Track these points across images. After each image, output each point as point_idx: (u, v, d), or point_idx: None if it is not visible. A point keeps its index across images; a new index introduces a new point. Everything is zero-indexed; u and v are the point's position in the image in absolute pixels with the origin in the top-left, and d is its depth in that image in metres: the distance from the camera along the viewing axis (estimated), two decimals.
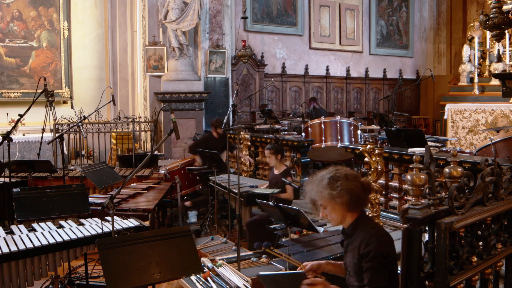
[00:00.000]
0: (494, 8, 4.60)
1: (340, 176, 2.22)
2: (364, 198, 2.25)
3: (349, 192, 2.18)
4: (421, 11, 12.20)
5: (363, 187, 2.23)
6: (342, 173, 2.24)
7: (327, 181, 2.22)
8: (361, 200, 2.23)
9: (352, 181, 2.21)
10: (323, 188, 2.22)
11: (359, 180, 2.24)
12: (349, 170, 2.29)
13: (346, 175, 2.23)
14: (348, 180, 2.20)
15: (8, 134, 4.36)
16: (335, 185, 2.19)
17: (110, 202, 2.81)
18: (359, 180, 2.24)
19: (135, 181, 5.66)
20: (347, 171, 2.26)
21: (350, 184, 2.20)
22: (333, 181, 2.20)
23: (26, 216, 3.56)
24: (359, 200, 2.21)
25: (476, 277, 2.26)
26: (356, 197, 2.19)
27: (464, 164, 4.11)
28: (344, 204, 2.19)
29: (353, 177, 2.23)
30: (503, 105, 9.19)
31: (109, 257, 2.48)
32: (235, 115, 9.02)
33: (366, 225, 2.22)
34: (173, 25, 8.21)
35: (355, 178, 2.23)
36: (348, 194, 2.18)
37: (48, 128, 7.06)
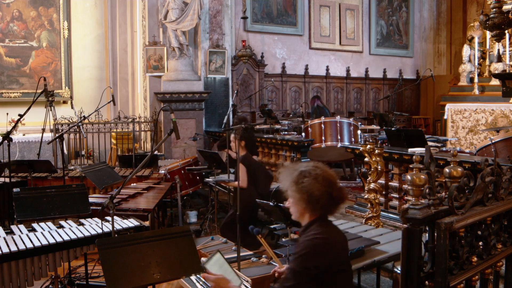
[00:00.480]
0: (494, 8, 4.60)
1: (311, 174, 2.13)
2: (326, 205, 2.13)
3: (309, 193, 2.10)
4: (421, 11, 12.20)
5: (330, 195, 2.11)
6: (315, 172, 2.13)
7: (297, 173, 2.16)
8: (321, 206, 2.12)
9: (319, 183, 2.11)
10: (291, 179, 2.16)
11: (331, 187, 2.12)
12: (327, 173, 2.16)
13: (317, 175, 2.12)
14: (316, 181, 2.11)
15: (8, 134, 4.37)
16: (301, 180, 2.13)
17: (110, 202, 2.81)
18: (330, 187, 2.12)
19: (135, 181, 5.66)
20: (323, 173, 2.14)
21: (315, 186, 2.10)
22: (301, 176, 2.14)
23: (26, 216, 3.56)
24: (317, 204, 2.11)
25: (476, 277, 2.26)
26: (315, 200, 2.10)
27: (464, 164, 4.11)
28: (302, 201, 2.13)
29: (324, 181, 2.12)
30: (503, 105, 9.19)
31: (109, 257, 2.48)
32: (235, 115, 9.01)
33: (315, 229, 2.12)
34: (173, 25, 8.21)
35: (326, 183, 2.12)
36: (307, 194, 2.11)
37: (48, 128, 7.06)
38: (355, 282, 3.71)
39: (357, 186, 7.55)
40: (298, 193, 2.13)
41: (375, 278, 3.60)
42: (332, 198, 2.12)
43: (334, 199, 2.13)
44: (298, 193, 2.13)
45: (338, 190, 2.14)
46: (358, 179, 7.88)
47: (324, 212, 2.15)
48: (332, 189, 2.12)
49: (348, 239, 3.16)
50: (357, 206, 5.78)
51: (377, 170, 4.64)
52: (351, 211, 5.79)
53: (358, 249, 3.00)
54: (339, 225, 3.78)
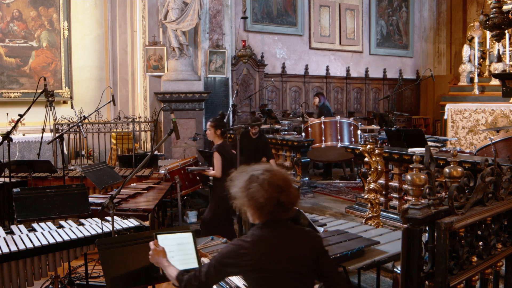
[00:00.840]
0: (494, 8, 4.60)
1: (258, 179, 2.07)
2: (273, 211, 2.07)
3: (254, 199, 2.06)
4: (421, 11, 12.20)
5: (276, 200, 2.05)
6: (262, 177, 2.07)
7: (246, 178, 2.10)
8: (267, 212, 2.07)
9: (264, 190, 2.05)
10: (241, 183, 2.12)
11: (278, 192, 2.05)
12: (275, 178, 2.08)
13: (263, 180, 2.06)
14: (261, 187, 2.05)
15: (8, 134, 4.37)
16: (249, 185, 2.08)
17: (110, 202, 2.81)
18: (277, 193, 2.05)
19: (135, 181, 5.66)
20: (271, 178, 2.07)
21: (260, 192, 2.05)
22: (250, 181, 2.09)
23: (26, 216, 3.56)
24: (263, 210, 2.07)
25: (476, 277, 2.26)
26: (260, 206, 2.06)
27: (464, 164, 4.11)
28: (249, 207, 2.10)
29: (270, 187, 2.05)
30: (503, 105, 9.19)
31: (109, 257, 2.49)
32: (235, 115, 9.02)
33: (252, 232, 2.11)
34: (173, 25, 8.21)
35: (272, 189, 2.05)
36: (253, 200, 2.06)
37: (48, 128, 7.06)
38: (355, 282, 3.71)
39: (357, 186, 7.55)
40: (245, 198, 2.09)
41: (375, 278, 3.60)
42: (279, 204, 2.05)
43: (282, 204, 2.06)
44: (245, 198, 2.09)
45: (286, 195, 2.06)
46: (358, 179, 7.88)
47: (273, 216, 2.09)
48: (280, 195, 2.05)
49: (348, 239, 3.18)
50: (357, 206, 5.78)
51: (377, 170, 4.64)
52: (351, 211, 5.79)
53: (358, 249, 2.99)
54: (339, 225, 3.78)
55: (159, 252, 2.32)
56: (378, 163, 4.64)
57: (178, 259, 2.42)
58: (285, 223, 2.14)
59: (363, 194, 5.24)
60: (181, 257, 2.42)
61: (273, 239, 2.08)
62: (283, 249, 2.06)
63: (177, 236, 2.52)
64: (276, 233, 2.10)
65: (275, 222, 2.10)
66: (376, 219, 4.64)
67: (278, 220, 2.10)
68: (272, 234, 2.09)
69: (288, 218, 2.15)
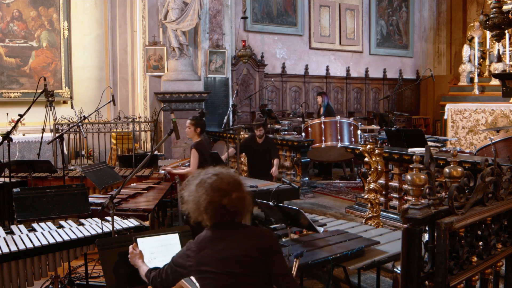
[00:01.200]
0: (494, 8, 4.60)
1: (205, 183, 2.12)
2: (217, 215, 2.11)
3: (197, 203, 2.12)
4: (421, 11, 12.20)
5: (218, 204, 2.09)
6: (208, 181, 2.12)
7: (197, 181, 2.16)
8: (210, 216, 2.12)
9: (206, 194, 2.10)
10: (192, 184, 2.18)
11: (221, 196, 2.09)
12: (220, 182, 2.12)
13: (208, 184, 2.11)
14: (204, 191, 2.11)
15: (8, 134, 4.37)
16: (197, 189, 2.14)
17: (110, 202, 2.81)
18: (221, 196, 2.09)
19: (135, 181, 5.66)
20: (215, 182, 2.11)
21: (202, 196, 2.11)
22: (198, 185, 2.15)
23: (26, 216, 3.56)
24: (206, 214, 2.12)
25: (476, 277, 2.26)
26: (203, 210, 2.11)
27: (464, 164, 4.11)
28: (195, 211, 2.15)
29: (212, 191, 2.10)
30: (503, 105, 9.19)
31: (109, 257, 2.49)
32: (235, 115, 9.02)
33: (202, 233, 2.17)
34: (173, 25, 8.21)
35: (214, 193, 2.09)
36: (197, 204, 2.13)
37: (48, 128, 7.06)
38: (355, 282, 3.71)
39: (357, 186, 7.56)
40: (191, 203, 2.16)
41: (375, 278, 3.60)
42: (222, 207, 2.09)
43: (225, 208, 2.10)
44: (191, 203, 2.16)
45: (229, 199, 2.09)
46: (358, 179, 7.89)
47: (219, 219, 2.13)
48: (222, 198, 2.08)
49: (348, 239, 3.19)
50: (357, 206, 5.78)
51: (377, 170, 4.64)
52: (351, 211, 5.79)
53: (358, 249, 3.00)
54: (339, 225, 3.78)
55: (136, 254, 2.46)
56: (378, 163, 4.65)
57: (161, 260, 2.46)
58: (235, 224, 2.18)
59: (363, 194, 5.24)
60: (165, 258, 2.45)
61: (217, 240, 2.12)
62: (226, 250, 2.09)
63: (161, 238, 2.58)
64: (221, 235, 2.14)
65: (222, 224, 2.15)
66: (376, 219, 4.64)
67: (226, 222, 2.15)
68: (216, 236, 2.14)
69: (238, 220, 2.19)
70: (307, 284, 4.04)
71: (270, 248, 2.14)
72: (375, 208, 4.65)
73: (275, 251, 2.15)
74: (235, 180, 2.17)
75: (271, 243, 2.16)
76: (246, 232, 2.18)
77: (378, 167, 4.65)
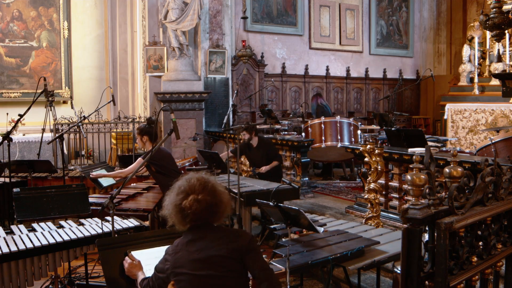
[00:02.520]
0: (494, 8, 4.60)
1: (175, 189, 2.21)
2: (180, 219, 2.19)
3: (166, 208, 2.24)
4: (421, 11, 12.20)
5: (178, 207, 2.17)
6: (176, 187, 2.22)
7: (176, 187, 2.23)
8: (177, 220, 2.21)
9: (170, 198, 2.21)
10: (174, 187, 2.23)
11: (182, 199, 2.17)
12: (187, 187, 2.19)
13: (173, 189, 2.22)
14: (170, 195, 2.21)
15: (8, 134, 4.37)
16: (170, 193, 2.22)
17: (110, 202, 2.81)
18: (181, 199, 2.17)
19: (135, 181, 5.66)
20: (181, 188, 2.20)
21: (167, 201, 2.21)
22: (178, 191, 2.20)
23: (26, 216, 3.56)
24: (171, 218, 2.22)
25: (476, 277, 2.26)
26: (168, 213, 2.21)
27: (464, 164, 4.11)
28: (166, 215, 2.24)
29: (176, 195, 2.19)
30: (503, 105, 9.19)
31: (109, 257, 2.49)
32: (235, 115, 9.02)
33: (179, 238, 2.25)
34: (173, 25, 8.21)
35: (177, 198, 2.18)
36: (166, 209, 2.24)
37: (48, 128, 7.06)
38: (355, 282, 3.71)
39: (357, 186, 7.56)
40: (165, 210, 2.25)
41: (375, 278, 3.60)
42: (182, 210, 2.15)
43: (184, 211, 2.15)
44: (164, 207, 2.25)
45: (187, 200, 2.15)
46: (358, 179, 7.89)
47: (190, 223, 2.19)
48: (182, 201, 2.15)
49: (348, 239, 3.19)
50: (357, 206, 5.78)
51: (377, 170, 4.64)
52: (351, 211, 5.79)
53: (358, 249, 3.00)
54: (339, 225, 3.79)
55: (134, 265, 2.46)
56: (378, 163, 4.65)
57: None
58: (209, 227, 2.22)
59: (363, 194, 5.24)
60: None
61: (191, 243, 2.17)
62: (200, 252, 2.13)
63: (155, 250, 2.59)
64: (195, 237, 2.18)
65: (196, 227, 2.20)
66: (376, 219, 4.65)
67: (200, 225, 2.19)
68: (190, 238, 2.18)
69: (213, 222, 2.23)
70: (307, 284, 4.04)
71: (246, 247, 2.18)
72: (375, 208, 4.65)
73: (251, 249, 2.19)
74: (202, 183, 2.19)
75: (246, 242, 2.20)
76: (220, 233, 2.21)
77: (378, 167, 4.65)
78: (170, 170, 4.74)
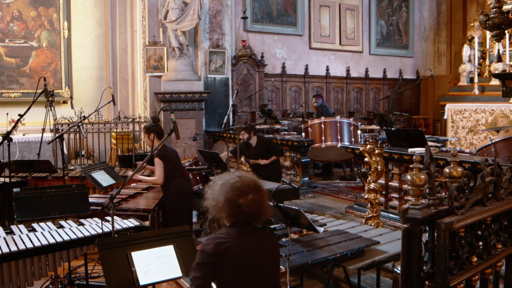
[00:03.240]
0: (494, 8, 4.60)
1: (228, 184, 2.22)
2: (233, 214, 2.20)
3: (216, 201, 2.22)
4: (421, 11, 12.20)
5: (235, 203, 2.17)
6: (228, 182, 2.22)
7: (221, 182, 2.25)
8: (227, 214, 2.22)
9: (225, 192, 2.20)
10: (216, 184, 2.26)
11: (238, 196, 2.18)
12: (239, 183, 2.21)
13: (227, 184, 2.21)
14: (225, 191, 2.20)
15: (8, 134, 4.37)
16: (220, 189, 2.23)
17: (110, 202, 2.81)
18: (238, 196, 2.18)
19: (135, 181, 5.66)
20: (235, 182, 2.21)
21: (221, 195, 2.21)
22: (221, 186, 2.24)
23: (26, 216, 3.56)
24: (223, 212, 2.23)
25: (476, 277, 2.26)
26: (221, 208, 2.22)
27: (464, 164, 4.11)
28: (214, 209, 2.25)
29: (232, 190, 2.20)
30: (503, 105, 9.19)
31: (109, 257, 2.48)
32: (235, 115, 9.02)
33: (223, 230, 2.24)
34: (173, 25, 8.21)
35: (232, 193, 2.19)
36: (215, 202, 2.23)
37: (48, 128, 7.05)
38: (355, 282, 3.71)
39: (357, 186, 7.56)
40: (212, 201, 2.25)
41: (375, 278, 3.60)
42: (237, 206, 2.18)
43: (240, 207, 2.18)
44: (212, 201, 2.25)
45: (245, 199, 2.18)
46: (358, 179, 7.89)
47: (236, 219, 2.22)
48: (239, 198, 2.18)
49: (348, 239, 3.19)
50: (357, 206, 5.78)
51: (377, 170, 4.64)
52: (351, 211, 5.79)
53: (358, 249, 3.00)
54: (339, 225, 3.79)
55: None
56: (378, 163, 4.65)
57: (158, 271, 2.48)
58: (252, 226, 2.26)
59: (363, 194, 5.24)
60: (161, 269, 2.48)
61: (246, 234, 2.22)
62: (257, 244, 2.22)
63: (155, 250, 2.57)
64: (247, 230, 2.23)
65: (239, 224, 2.23)
66: (376, 219, 4.64)
67: (243, 223, 2.23)
68: (242, 231, 2.22)
69: (256, 223, 2.28)
70: (307, 284, 4.04)
71: (278, 252, 2.36)
72: (375, 208, 4.65)
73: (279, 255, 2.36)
74: (256, 184, 2.27)
75: (277, 249, 2.37)
76: (264, 235, 2.32)
77: (378, 167, 4.65)
78: (176, 170, 4.75)
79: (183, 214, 4.69)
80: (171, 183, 4.66)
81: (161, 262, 2.53)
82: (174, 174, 4.69)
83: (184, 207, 4.72)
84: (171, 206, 4.73)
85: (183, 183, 4.76)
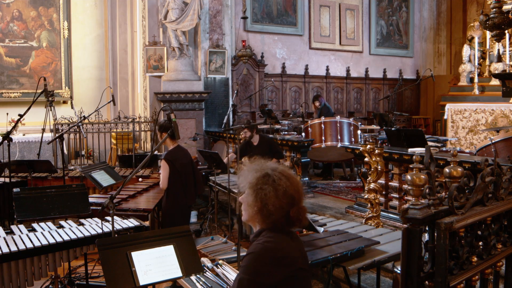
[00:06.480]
0: (494, 8, 4.60)
1: (274, 183, 1.89)
2: (278, 222, 1.91)
3: (263, 203, 1.88)
4: (421, 11, 12.20)
5: (286, 213, 1.90)
6: (279, 182, 1.90)
7: (259, 175, 1.92)
8: (272, 220, 1.90)
9: (278, 198, 1.88)
10: (251, 178, 1.93)
11: (290, 204, 1.91)
12: (292, 187, 1.92)
13: (279, 186, 1.89)
14: (275, 193, 1.88)
15: (8, 134, 4.37)
16: (260, 185, 1.90)
17: (110, 202, 2.81)
18: (289, 205, 1.90)
19: (135, 181, 5.66)
20: (288, 186, 1.91)
21: (271, 198, 1.88)
22: (263, 180, 1.90)
23: (26, 216, 3.56)
24: (268, 218, 1.90)
25: (476, 277, 2.26)
26: (267, 213, 1.89)
27: (464, 164, 4.11)
28: (253, 208, 1.91)
29: (284, 196, 1.89)
30: (503, 105, 9.19)
31: (109, 257, 2.48)
32: (235, 115, 9.02)
33: (267, 235, 1.92)
34: (173, 25, 8.21)
35: (285, 199, 1.89)
36: (261, 204, 1.89)
37: (48, 128, 7.06)
38: (355, 282, 3.71)
39: (357, 186, 7.56)
40: (252, 198, 1.91)
41: (375, 278, 3.60)
42: (287, 217, 1.91)
43: (290, 219, 1.92)
44: (252, 197, 1.91)
45: (297, 210, 1.92)
46: (358, 179, 7.89)
47: (275, 225, 1.92)
48: (291, 207, 1.91)
49: (348, 239, 3.19)
50: (357, 206, 5.78)
51: (377, 170, 4.64)
52: (351, 211, 5.79)
53: (358, 249, 3.00)
54: (339, 225, 3.79)
55: None
56: (378, 163, 4.65)
57: (158, 271, 2.46)
58: (291, 231, 2.02)
59: (363, 194, 5.24)
60: (161, 269, 2.46)
61: (289, 240, 1.95)
62: (299, 249, 1.98)
63: (155, 250, 2.54)
64: (287, 241, 1.95)
65: (278, 228, 1.95)
66: (376, 219, 4.65)
67: (282, 227, 1.96)
68: (286, 241, 1.94)
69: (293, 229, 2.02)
70: None
71: None
72: (375, 208, 4.65)
73: None
74: (301, 187, 2.02)
75: None
76: (299, 238, 2.08)
77: (378, 167, 4.65)
78: (181, 178, 4.58)
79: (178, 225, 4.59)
80: (169, 193, 4.55)
81: (161, 262, 2.53)
82: (176, 182, 4.52)
83: (179, 219, 4.55)
84: (165, 215, 4.68)
85: (180, 194, 4.54)
